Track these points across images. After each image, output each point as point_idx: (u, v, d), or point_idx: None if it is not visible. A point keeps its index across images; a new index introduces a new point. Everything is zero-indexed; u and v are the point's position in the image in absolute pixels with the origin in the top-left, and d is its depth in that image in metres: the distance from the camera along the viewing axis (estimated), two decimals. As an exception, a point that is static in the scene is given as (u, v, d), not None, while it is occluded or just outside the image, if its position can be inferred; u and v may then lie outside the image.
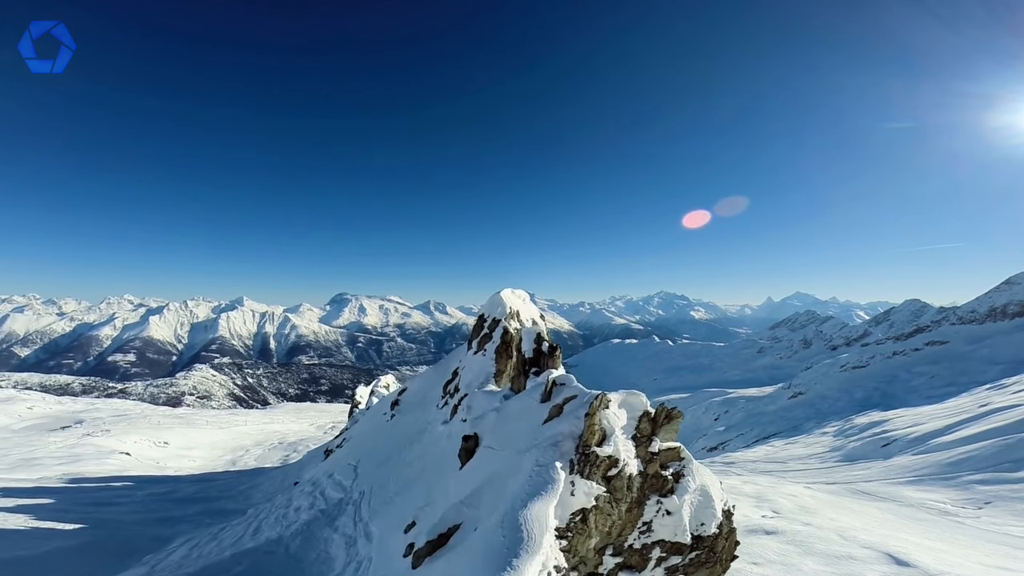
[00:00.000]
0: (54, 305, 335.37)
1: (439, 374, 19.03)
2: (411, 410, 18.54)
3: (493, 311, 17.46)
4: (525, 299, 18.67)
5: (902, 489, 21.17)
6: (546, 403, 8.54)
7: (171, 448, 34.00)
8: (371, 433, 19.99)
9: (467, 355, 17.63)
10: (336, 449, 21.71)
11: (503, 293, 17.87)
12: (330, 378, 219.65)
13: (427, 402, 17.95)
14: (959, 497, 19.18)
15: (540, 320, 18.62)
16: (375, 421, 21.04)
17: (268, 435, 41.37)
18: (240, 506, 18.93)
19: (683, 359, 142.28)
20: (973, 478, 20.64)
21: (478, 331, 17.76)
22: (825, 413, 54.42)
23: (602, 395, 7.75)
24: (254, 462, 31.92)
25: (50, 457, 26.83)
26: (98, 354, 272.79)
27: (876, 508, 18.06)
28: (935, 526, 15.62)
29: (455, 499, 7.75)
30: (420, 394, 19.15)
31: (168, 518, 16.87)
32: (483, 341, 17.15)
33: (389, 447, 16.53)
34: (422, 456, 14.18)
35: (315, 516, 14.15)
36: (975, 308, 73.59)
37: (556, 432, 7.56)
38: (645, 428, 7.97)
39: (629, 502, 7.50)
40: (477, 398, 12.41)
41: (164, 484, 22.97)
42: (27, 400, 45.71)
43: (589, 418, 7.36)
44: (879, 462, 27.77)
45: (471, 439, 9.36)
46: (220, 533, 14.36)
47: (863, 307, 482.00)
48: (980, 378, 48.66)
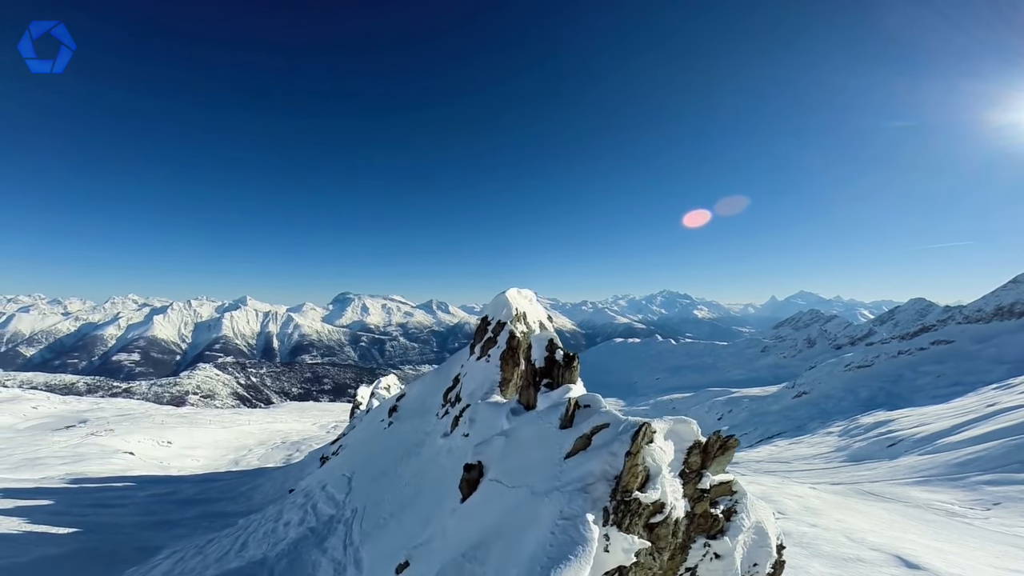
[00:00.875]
0: (59, 305, 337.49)
1: (439, 379, 18.05)
2: (409, 417, 17.66)
3: (497, 313, 16.30)
4: (532, 299, 17.71)
5: (909, 490, 20.97)
6: (567, 430, 6.98)
7: (174, 447, 34.06)
8: (368, 441, 19.20)
9: (469, 360, 16.53)
10: (332, 456, 21.03)
11: (508, 293, 16.83)
12: (333, 377, 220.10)
13: (426, 410, 17.09)
14: (967, 498, 18.98)
15: (548, 322, 17.71)
16: (372, 428, 20.19)
17: (271, 434, 41.42)
18: (239, 508, 18.82)
19: (686, 358, 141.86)
20: (981, 479, 20.42)
21: (481, 334, 16.61)
22: (830, 413, 54.13)
23: (646, 426, 6.08)
24: (257, 462, 31.94)
25: (54, 457, 26.89)
26: (103, 353, 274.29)
27: (883, 509, 17.89)
28: (943, 527, 15.44)
29: (456, 548, 6.45)
30: (419, 400, 18.28)
31: (166, 521, 16.74)
32: (487, 346, 15.91)
33: (385, 459, 15.75)
34: (419, 474, 13.27)
35: (304, 534, 13.28)
36: (981, 307, 73.03)
37: (585, 472, 6.05)
38: (695, 462, 6.67)
39: (672, 548, 6.35)
40: (481, 410, 11.13)
41: (166, 485, 22.96)
42: (32, 400, 45.90)
43: (631, 457, 5.87)
44: (885, 462, 27.55)
45: (474, 469, 7.53)
46: (206, 547, 13.82)
47: (867, 306, 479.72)
48: (987, 377, 48.28)
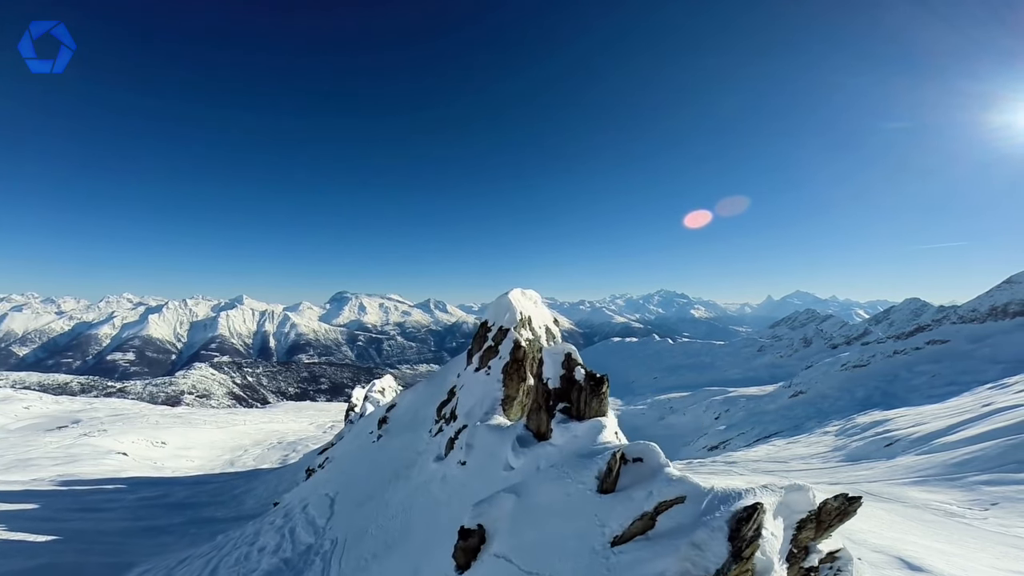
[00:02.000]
0: (53, 304, 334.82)
1: (433, 390, 16.45)
2: (400, 432, 15.93)
3: (499, 317, 14.15)
4: (537, 301, 15.99)
5: (907, 490, 20.94)
6: (610, 496, 5.03)
7: (169, 448, 33.77)
8: (355, 456, 17.75)
9: (467, 371, 14.47)
10: (318, 469, 19.63)
11: (512, 295, 14.88)
12: (330, 377, 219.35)
13: (418, 423, 15.49)
14: (965, 498, 18.94)
15: (554, 326, 16.13)
16: (360, 440, 18.53)
17: (267, 435, 41.15)
18: (229, 513, 18.40)
19: (684, 358, 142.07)
20: (979, 479, 20.40)
21: (481, 342, 14.42)
22: (826, 412, 54.25)
23: (757, 511, 4.14)
24: (253, 462, 31.69)
25: (46, 457, 26.58)
26: (97, 353, 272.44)
27: (882, 509, 17.83)
28: (943, 528, 15.38)
29: None
30: (411, 412, 16.56)
31: (153, 527, 16.35)
32: (487, 355, 13.68)
33: (372, 480, 14.39)
34: (409, 503, 11.63)
35: (277, 567, 12.09)
36: (976, 307, 73.41)
37: (652, 572, 4.07)
38: (807, 537, 4.97)
39: None
40: (480, 434, 9.64)
41: (157, 487, 22.63)
42: (24, 400, 45.44)
43: (740, 564, 3.98)
44: (882, 462, 27.54)
45: (473, 535, 5.81)
46: (175, 570, 12.99)
47: (863, 306, 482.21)
48: (982, 377, 48.45)
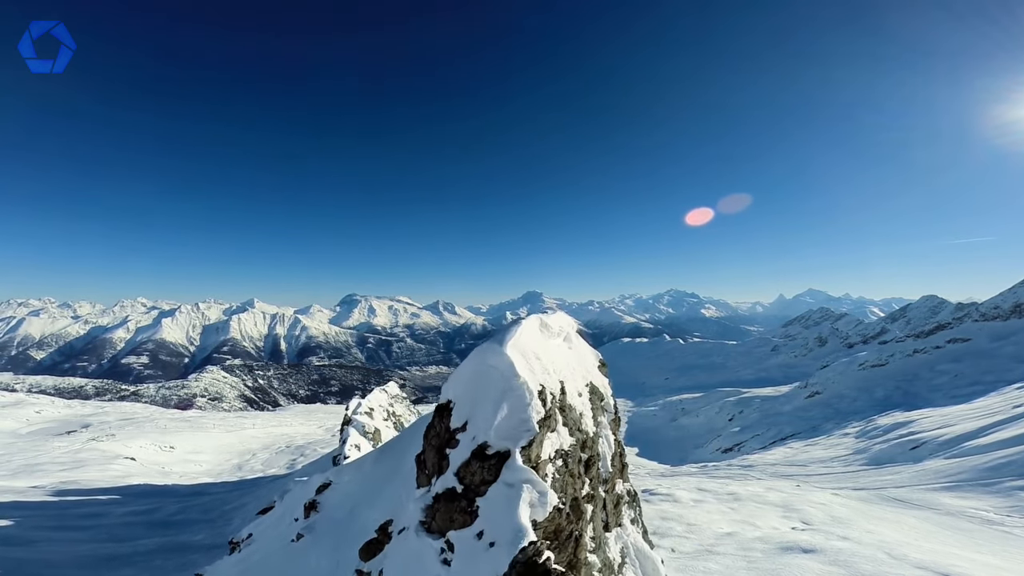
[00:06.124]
0: (69, 308, 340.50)
1: (382, 473, 10.37)
2: (329, 532, 9.76)
3: (482, 411, 5.64)
4: (570, 333, 8.26)
5: (938, 496, 19.92)
6: None
7: (177, 452, 33.57)
8: (268, 565, 10.19)
9: (413, 478, 6.93)
10: (240, 548, 11.58)
11: (517, 342, 6.18)
12: (340, 379, 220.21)
13: (353, 531, 8.96)
14: (1003, 505, 17.92)
15: (601, 377, 8.56)
16: (281, 542, 10.64)
17: (276, 438, 40.87)
18: (207, 539, 17.15)
19: (695, 358, 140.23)
20: (1017, 484, 19.33)
21: (439, 452, 5.95)
22: (844, 413, 52.82)
23: None
24: (260, 467, 31.34)
25: (53, 463, 26.42)
26: (112, 356, 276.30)
27: (913, 517, 16.90)
28: (983, 537, 14.45)
29: None
30: (347, 505, 10.25)
31: (117, 556, 14.74)
32: (449, 506, 5.41)
33: None
34: None
35: None
36: (999, 304, 71.16)
37: None
38: None
39: None
40: None
41: (151, 499, 21.84)
42: (35, 404, 45.69)
43: None
44: (909, 466, 26.44)
45: None
46: None
47: (877, 303, 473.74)
48: (1007, 376, 46.77)
